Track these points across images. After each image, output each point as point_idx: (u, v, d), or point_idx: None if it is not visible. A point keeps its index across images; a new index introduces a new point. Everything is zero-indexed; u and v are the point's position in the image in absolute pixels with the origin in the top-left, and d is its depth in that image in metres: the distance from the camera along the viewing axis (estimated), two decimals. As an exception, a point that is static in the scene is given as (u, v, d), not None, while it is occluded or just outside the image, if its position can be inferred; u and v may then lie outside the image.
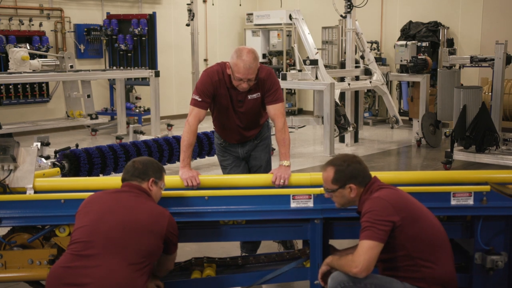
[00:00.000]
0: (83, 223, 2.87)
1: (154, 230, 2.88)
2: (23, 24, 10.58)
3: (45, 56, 10.14)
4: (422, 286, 2.80)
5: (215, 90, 3.75)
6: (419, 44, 10.47)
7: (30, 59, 9.23)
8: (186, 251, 4.28)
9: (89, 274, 2.69)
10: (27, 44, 10.00)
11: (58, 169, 4.50)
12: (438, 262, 2.83)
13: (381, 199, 2.83)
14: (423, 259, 2.81)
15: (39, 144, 3.64)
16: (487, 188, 3.32)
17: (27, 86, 10.49)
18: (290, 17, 9.38)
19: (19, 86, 10.36)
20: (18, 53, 8.97)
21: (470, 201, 3.29)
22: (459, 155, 7.71)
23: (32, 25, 10.73)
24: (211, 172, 7.34)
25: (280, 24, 13.53)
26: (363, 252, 2.74)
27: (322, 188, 3.22)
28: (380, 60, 11.23)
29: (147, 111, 10.90)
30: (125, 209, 2.91)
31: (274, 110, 3.81)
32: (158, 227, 2.90)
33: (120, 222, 2.84)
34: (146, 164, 3.10)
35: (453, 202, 3.29)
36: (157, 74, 9.88)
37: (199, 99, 3.73)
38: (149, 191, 3.05)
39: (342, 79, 9.96)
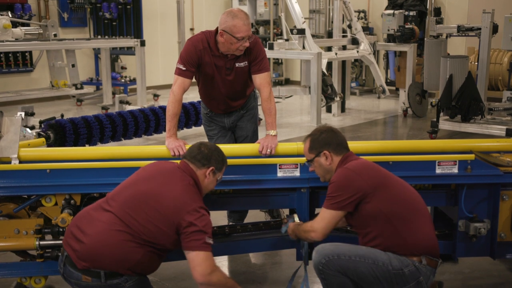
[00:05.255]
0: (124, 181, 2.91)
1: (168, 215, 2.71)
2: (4, -9, 10.35)
3: (28, 25, 9.95)
4: (404, 254, 2.82)
5: (199, 59, 3.71)
6: (406, 13, 10.42)
7: (12, 28, 9.06)
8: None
9: (94, 226, 2.73)
10: (9, 12, 9.80)
11: (43, 139, 4.47)
12: (417, 228, 2.85)
13: (347, 169, 2.92)
14: (402, 224, 2.83)
15: (23, 114, 3.57)
16: (471, 156, 3.35)
17: (10, 55, 10.32)
18: (277, -15, 9.27)
19: (1, 55, 10.19)
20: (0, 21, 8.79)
21: (455, 170, 3.33)
22: (444, 124, 7.78)
23: (14, -8, 10.51)
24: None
25: (267, -8, 13.38)
26: (320, 220, 2.95)
27: (308, 158, 3.26)
28: (367, 30, 11.17)
29: (133, 81, 10.80)
30: (158, 183, 2.81)
31: (260, 79, 3.79)
32: (173, 215, 2.71)
33: (142, 193, 2.77)
34: (212, 150, 2.97)
35: (438, 170, 3.33)
36: (142, 44, 9.76)
37: (184, 68, 3.69)
38: (204, 178, 2.92)
39: (329, 49, 9.92)
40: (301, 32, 8.56)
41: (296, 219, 3.30)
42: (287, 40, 8.96)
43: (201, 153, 2.94)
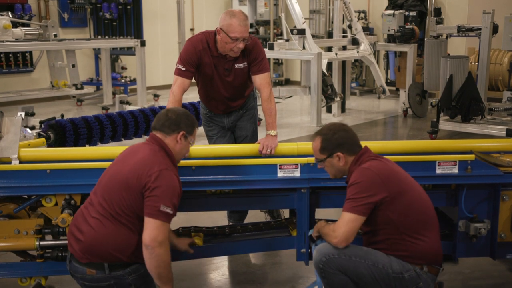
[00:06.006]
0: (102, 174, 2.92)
1: (130, 184, 2.70)
2: (4, -9, 10.34)
3: (28, 25, 9.95)
4: (407, 259, 2.81)
5: (199, 59, 3.71)
6: (406, 13, 10.43)
7: (13, 28, 9.06)
8: (173, 220, 4.28)
9: (87, 223, 2.77)
10: (9, 12, 9.80)
11: (43, 139, 4.46)
12: (424, 238, 2.82)
13: (370, 171, 2.79)
14: (410, 235, 2.80)
15: (23, 114, 3.57)
16: (471, 157, 3.35)
17: (10, 55, 10.31)
18: (277, -14, 9.27)
19: (1, 55, 10.18)
20: (0, 21, 8.79)
21: (455, 170, 3.32)
22: (444, 124, 7.77)
23: (14, -8, 10.50)
24: (197, 143, 7.30)
25: (268, -8, 13.38)
26: (344, 224, 2.77)
27: (309, 158, 3.24)
28: (368, 30, 11.16)
29: (133, 81, 10.80)
30: (124, 161, 2.83)
31: (260, 80, 3.79)
32: (135, 182, 2.69)
33: (112, 176, 2.80)
34: (179, 115, 2.92)
35: (438, 171, 3.32)
36: (142, 44, 9.76)
37: (183, 69, 3.70)
38: (175, 144, 2.88)
39: (329, 49, 9.91)
40: (301, 32, 8.56)
41: None
42: (287, 40, 8.96)
43: (169, 119, 2.90)
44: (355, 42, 9.79)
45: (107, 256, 2.73)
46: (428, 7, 11.08)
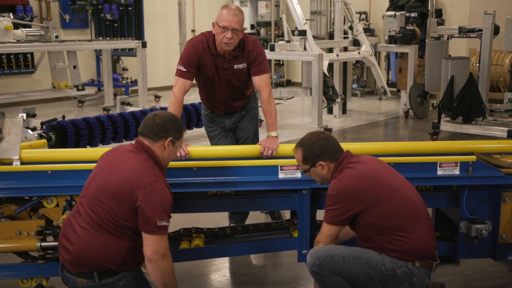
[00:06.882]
0: (87, 179, 2.87)
1: (122, 197, 2.67)
2: (6, -7, 10.36)
3: (29, 26, 9.97)
4: (398, 257, 2.81)
5: (199, 60, 3.72)
6: (407, 14, 10.43)
7: (14, 29, 9.08)
8: (174, 222, 4.26)
9: (75, 233, 2.75)
10: (11, 14, 9.81)
11: (44, 140, 4.48)
12: (412, 235, 2.81)
13: (342, 182, 2.83)
14: (397, 234, 2.81)
15: (24, 115, 3.60)
16: (473, 158, 3.35)
17: (12, 56, 10.32)
18: (279, -13, 9.27)
19: (3, 56, 10.19)
20: (1, 22, 8.81)
21: (456, 171, 3.32)
22: (446, 126, 7.77)
23: (15, -6, 10.52)
24: (199, 144, 7.33)
25: (269, -6, 13.38)
26: (324, 234, 2.93)
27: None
28: (369, 31, 11.16)
29: (134, 82, 10.80)
30: (111, 170, 2.78)
31: (260, 81, 3.79)
32: (127, 195, 2.67)
33: (99, 186, 2.76)
34: (166, 121, 2.86)
35: (440, 172, 3.32)
36: (144, 45, 9.76)
37: (184, 70, 3.70)
38: (163, 150, 2.84)
39: (330, 50, 9.91)
40: (302, 33, 8.55)
41: None
42: (288, 41, 8.95)
43: (157, 125, 2.84)
44: (356, 43, 9.78)
45: (96, 266, 2.72)
46: (429, 8, 11.07)
